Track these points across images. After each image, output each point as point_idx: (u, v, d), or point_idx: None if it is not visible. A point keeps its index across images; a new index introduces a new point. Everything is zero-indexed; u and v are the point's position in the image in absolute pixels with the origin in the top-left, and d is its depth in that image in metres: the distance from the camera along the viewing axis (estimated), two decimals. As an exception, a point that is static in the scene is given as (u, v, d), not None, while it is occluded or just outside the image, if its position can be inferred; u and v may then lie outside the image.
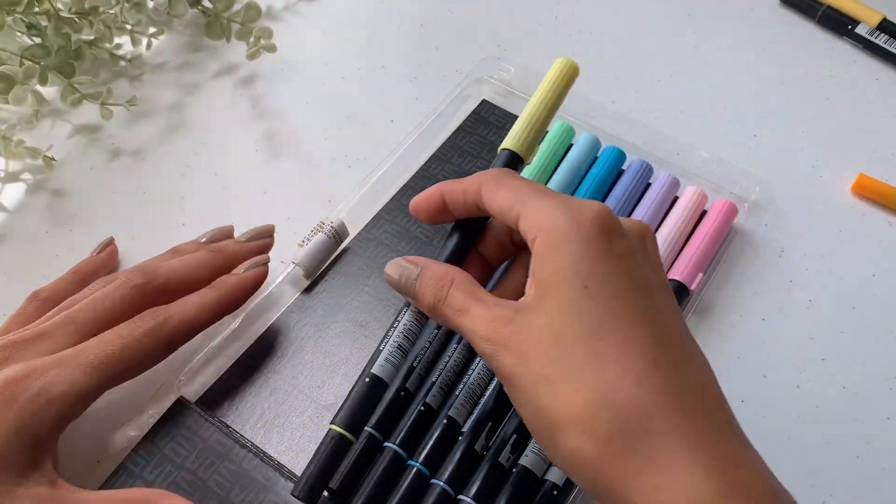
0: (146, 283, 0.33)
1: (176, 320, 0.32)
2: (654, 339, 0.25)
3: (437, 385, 0.34)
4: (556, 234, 0.26)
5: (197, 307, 0.33)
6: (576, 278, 0.26)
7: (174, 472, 0.32)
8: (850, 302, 0.40)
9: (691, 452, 0.24)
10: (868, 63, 0.51)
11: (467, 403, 0.34)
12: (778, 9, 0.54)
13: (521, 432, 0.33)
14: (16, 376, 0.29)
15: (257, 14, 0.49)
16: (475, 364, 0.35)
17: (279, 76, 0.50)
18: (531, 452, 0.33)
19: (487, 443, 0.33)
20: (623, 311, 0.26)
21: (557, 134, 0.43)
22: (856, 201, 0.44)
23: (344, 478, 0.31)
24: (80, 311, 0.32)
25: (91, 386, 0.30)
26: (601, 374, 0.25)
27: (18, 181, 0.45)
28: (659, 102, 0.48)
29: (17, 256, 0.42)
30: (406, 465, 0.32)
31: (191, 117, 0.48)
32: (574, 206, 0.27)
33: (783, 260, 0.42)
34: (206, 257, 0.35)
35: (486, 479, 0.32)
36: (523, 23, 0.53)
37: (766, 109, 0.48)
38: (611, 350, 0.25)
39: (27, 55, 0.46)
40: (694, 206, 0.41)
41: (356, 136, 0.47)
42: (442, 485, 0.32)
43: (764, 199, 0.42)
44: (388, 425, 0.33)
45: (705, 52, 0.51)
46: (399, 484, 0.32)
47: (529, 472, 0.32)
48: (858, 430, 0.36)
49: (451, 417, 0.33)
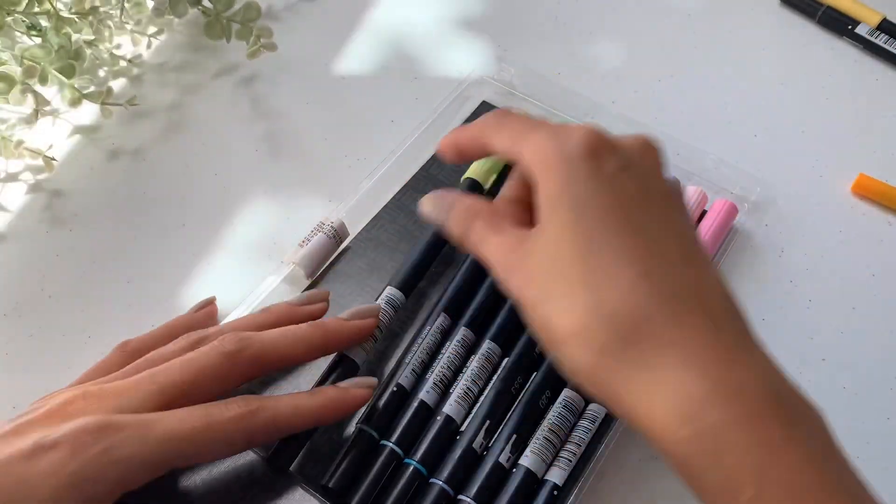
0: (238, 352, 0.30)
1: (268, 415, 0.30)
2: (646, 250, 0.26)
3: (432, 382, 0.34)
4: (547, 162, 0.28)
5: (292, 409, 0.31)
6: (568, 201, 0.27)
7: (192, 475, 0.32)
8: (850, 302, 0.40)
9: (684, 354, 0.25)
10: (868, 63, 0.51)
11: (463, 400, 0.34)
12: (778, 9, 0.54)
13: (521, 431, 0.33)
14: (88, 427, 0.27)
15: (257, 14, 0.49)
16: (470, 361, 0.35)
17: (279, 76, 0.50)
18: (531, 453, 0.33)
19: (487, 442, 0.33)
20: (616, 225, 0.27)
21: None
22: (856, 201, 0.44)
23: (339, 476, 0.31)
24: (164, 372, 0.30)
25: (159, 458, 0.28)
26: (594, 288, 0.26)
27: (18, 181, 0.45)
28: (659, 103, 0.48)
29: (17, 256, 0.42)
30: (403, 463, 0.33)
31: (191, 117, 0.48)
32: (561, 133, 0.29)
33: (783, 260, 0.42)
34: (307, 333, 0.33)
35: (487, 479, 0.32)
36: (523, 23, 0.53)
37: (766, 109, 0.48)
38: (603, 264, 0.26)
39: (27, 55, 0.46)
40: (694, 206, 0.41)
41: (356, 136, 0.47)
42: (441, 484, 0.32)
43: (764, 200, 0.42)
44: (384, 423, 0.33)
45: (705, 53, 0.51)
46: (395, 482, 0.32)
47: (530, 472, 0.32)
48: (858, 431, 0.36)
49: (447, 416, 0.33)
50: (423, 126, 0.45)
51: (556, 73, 0.49)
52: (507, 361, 0.35)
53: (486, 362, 0.35)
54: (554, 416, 0.34)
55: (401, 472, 0.32)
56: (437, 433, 0.33)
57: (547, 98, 0.46)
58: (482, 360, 0.35)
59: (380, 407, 0.34)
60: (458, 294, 0.37)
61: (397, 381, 0.34)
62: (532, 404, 0.34)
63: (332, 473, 0.32)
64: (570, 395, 0.34)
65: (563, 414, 0.34)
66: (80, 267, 0.41)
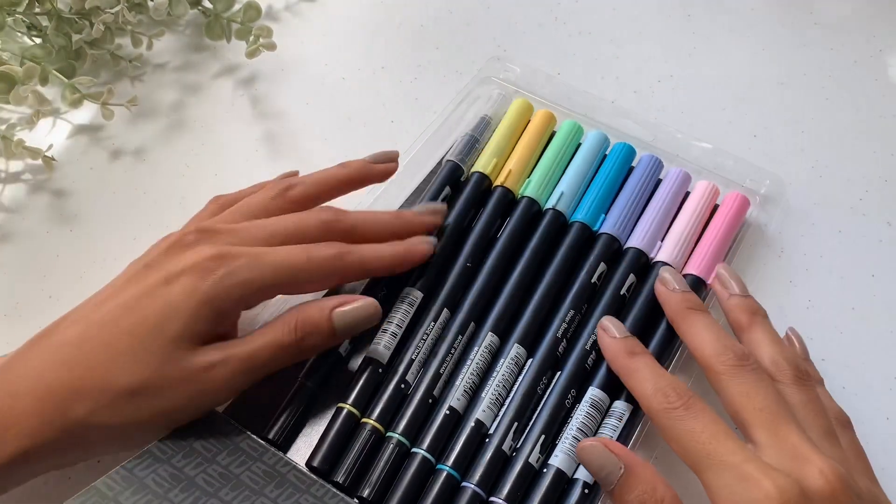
0: (334, 221, 0.36)
1: (356, 256, 0.35)
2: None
3: (461, 388, 0.35)
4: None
5: (375, 252, 0.35)
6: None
7: (204, 463, 0.32)
8: (850, 302, 0.40)
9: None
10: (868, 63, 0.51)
11: (493, 406, 0.34)
12: (778, 8, 0.54)
13: (549, 431, 0.33)
14: (211, 254, 0.32)
15: (257, 14, 0.50)
16: (499, 366, 0.35)
17: (279, 77, 0.50)
18: (561, 452, 0.33)
19: (515, 443, 0.33)
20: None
21: (567, 133, 0.43)
22: (856, 201, 0.44)
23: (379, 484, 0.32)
24: (272, 223, 0.35)
25: (273, 281, 0.32)
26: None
27: (19, 181, 0.45)
28: (659, 103, 0.48)
29: (18, 256, 0.42)
30: (436, 469, 0.33)
31: (191, 117, 0.48)
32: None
33: (783, 260, 0.42)
34: (390, 219, 0.38)
35: (517, 480, 0.32)
36: (523, 23, 0.53)
37: (765, 110, 0.48)
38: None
39: (28, 55, 0.46)
40: (707, 200, 0.41)
41: (356, 136, 0.47)
42: (473, 487, 0.32)
43: (774, 194, 0.43)
44: (414, 430, 0.34)
45: (705, 53, 0.51)
46: (429, 489, 0.32)
47: (560, 471, 0.32)
48: (858, 431, 0.36)
49: (478, 420, 0.34)
50: (430, 131, 0.45)
51: (556, 73, 0.49)
52: (532, 362, 0.36)
53: (514, 366, 0.35)
54: (581, 414, 0.34)
55: (434, 479, 0.33)
56: (469, 439, 0.33)
57: (552, 97, 0.46)
58: (511, 365, 0.35)
59: (410, 416, 0.34)
60: (480, 299, 0.37)
61: (432, 394, 0.35)
62: (559, 404, 0.34)
63: (368, 482, 0.32)
64: (596, 393, 0.35)
65: (591, 412, 0.34)
66: (80, 267, 0.41)
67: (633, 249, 0.39)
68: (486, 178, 0.41)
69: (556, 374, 0.35)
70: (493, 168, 0.42)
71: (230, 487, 0.31)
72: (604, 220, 0.40)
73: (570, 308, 0.37)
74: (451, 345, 0.36)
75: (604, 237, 0.39)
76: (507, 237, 0.39)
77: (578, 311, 0.37)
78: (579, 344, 0.36)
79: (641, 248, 0.39)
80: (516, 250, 0.39)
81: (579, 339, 0.36)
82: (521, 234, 0.40)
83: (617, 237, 0.39)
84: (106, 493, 0.30)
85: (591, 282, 0.38)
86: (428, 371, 0.35)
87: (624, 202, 0.41)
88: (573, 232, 0.40)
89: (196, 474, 0.31)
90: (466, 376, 0.35)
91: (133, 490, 0.30)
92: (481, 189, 0.41)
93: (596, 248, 0.39)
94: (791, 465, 0.28)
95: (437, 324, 0.36)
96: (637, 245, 0.39)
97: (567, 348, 0.36)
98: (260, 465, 0.32)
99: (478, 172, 0.41)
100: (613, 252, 0.39)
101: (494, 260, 0.39)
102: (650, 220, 0.40)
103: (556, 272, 0.38)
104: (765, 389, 0.31)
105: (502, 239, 0.39)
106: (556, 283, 0.38)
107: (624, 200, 0.41)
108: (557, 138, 0.43)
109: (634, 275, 0.38)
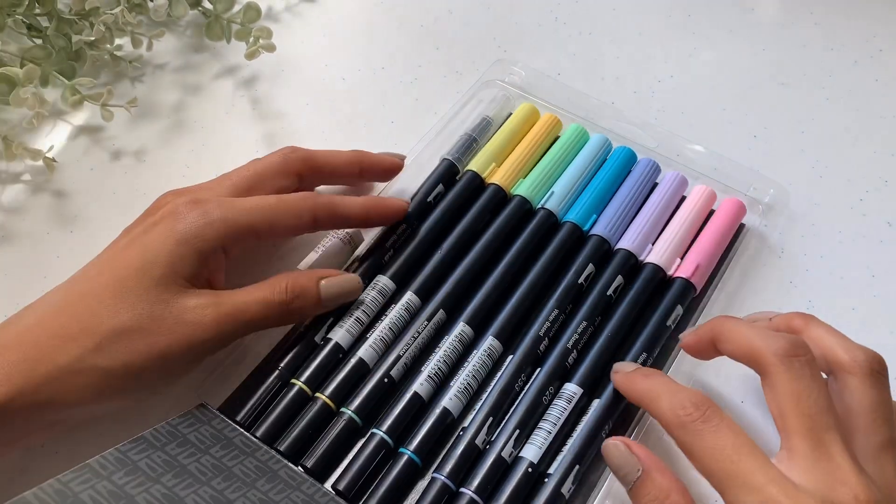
0: (292, 151, 0.38)
1: (326, 199, 0.36)
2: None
3: (426, 373, 0.35)
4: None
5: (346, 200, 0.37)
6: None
7: (198, 454, 0.32)
8: (850, 302, 0.40)
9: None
10: (868, 63, 0.51)
11: (461, 395, 0.34)
12: (778, 8, 0.54)
13: (525, 427, 0.33)
14: (183, 202, 0.34)
15: (257, 15, 0.50)
16: (471, 356, 0.35)
17: (279, 77, 0.50)
18: (531, 444, 0.33)
19: (489, 437, 0.33)
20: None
21: (570, 136, 0.43)
22: (856, 201, 0.44)
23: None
24: (234, 172, 0.37)
25: (247, 220, 0.34)
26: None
27: (19, 182, 0.45)
28: (659, 103, 0.48)
29: (18, 257, 0.42)
30: (398, 452, 0.33)
31: (191, 118, 0.48)
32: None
33: (783, 260, 0.42)
34: (348, 152, 0.40)
35: (489, 472, 0.32)
36: (523, 23, 0.53)
37: (765, 110, 0.48)
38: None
39: (28, 56, 0.46)
40: (702, 204, 0.41)
41: (356, 137, 0.47)
42: (443, 479, 0.32)
43: (774, 195, 0.43)
44: (368, 408, 0.34)
45: (704, 53, 0.51)
46: (388, 472, 0.32)
47: (532, 464, 0.32)
48: (858, 431, 0.36)
49: (445, 409, 0.34)
50: (434, 132, 0.45)
51: (556, 74, 0.49)
52: (512, 359, 0.35)
53: (487, 358, 0.35)
54: (556, 409, 0.34)
55: (394, 462, 0.33)
56: (434, 426, 0.34)
57: (556, 101, 0.46)
58: (484, 357, 0.35)
59: (366, 395, 0.34)
60: (456, 289, 0.37)
61: (389, 374, 0.35)
62: (536, 401, 0.34)
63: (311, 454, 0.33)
64: (572, 388, 0.35)
65: (564, 406, 0.34)
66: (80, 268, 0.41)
67: (623, 251, 0.39)
68: (478, 176, 0.41)
69: (535, 371, 0.35)
70: (489, 168, 0.42)
71: (222, 478, 0.31)
72: (595, 221, 0.40)
73: (554, 307, 0.37)
74: (417, 330, 0.36)
75: (594, 238, 0.39)
76: (492, 232, 0.39)
77: (563, 311, 0.37)
78: (561, 342, 0.36)
79: (631, 250, 0.39)
80: (501, 246, 0.39)
81: (561, 338, 0.36)
82: (508, 230, 0.40)
83: (607, 239, 0.39)
84: (99, 472, 0.30)
85: (577, 282, 0.38)
86: (390, 354, 0.35)
87: (617, 205, 0.41)
88: (563, 232, 0.40)
89: (189, 463, 0.31)
90: (434, 363, 0.35)
91: (126, 471, 0.30)
92: (473, 186, 0.41)
93: (585, 248, 0.39)
94: (824, 487, 0.26)
95: (406, 311, 0.37)
96: (627, 247, 0.39)
97: (548, 346, 0.36)
98: (252, 461, 0.32)
99: (471, 171, 0.41)
100: (603, 253, 0.39)
101: (476, 253, 0.39)
102: (642, 223, 0.40)
103: (541, 270, 0.38)
104: (817, 392, 0.28)
105: (487, 234, 0.39)
106: (541, 281, 0.38)
107: (617, 203, 0.41)
108: (560, 141, 0.43)
109: (622, 276, 0.38)
